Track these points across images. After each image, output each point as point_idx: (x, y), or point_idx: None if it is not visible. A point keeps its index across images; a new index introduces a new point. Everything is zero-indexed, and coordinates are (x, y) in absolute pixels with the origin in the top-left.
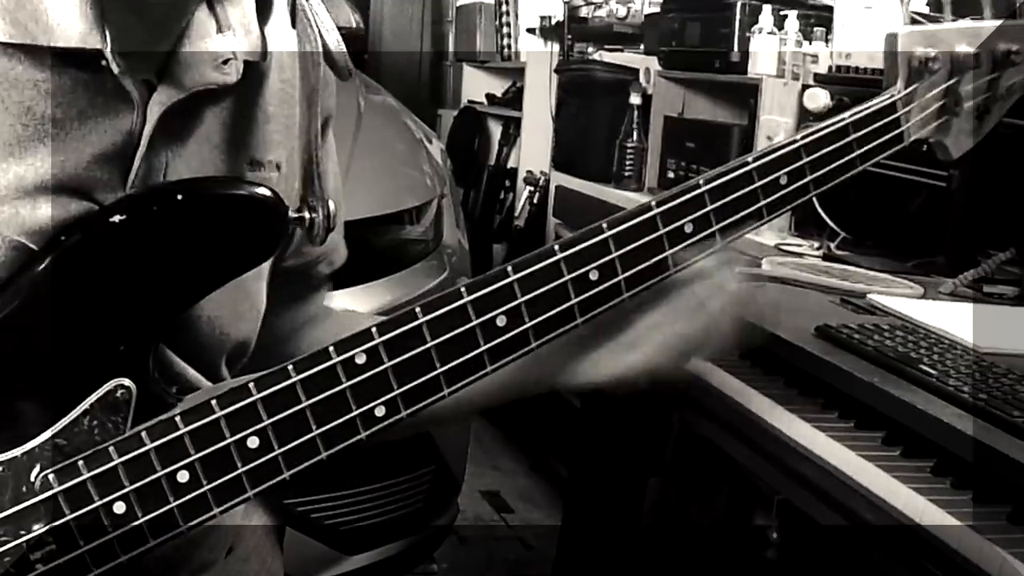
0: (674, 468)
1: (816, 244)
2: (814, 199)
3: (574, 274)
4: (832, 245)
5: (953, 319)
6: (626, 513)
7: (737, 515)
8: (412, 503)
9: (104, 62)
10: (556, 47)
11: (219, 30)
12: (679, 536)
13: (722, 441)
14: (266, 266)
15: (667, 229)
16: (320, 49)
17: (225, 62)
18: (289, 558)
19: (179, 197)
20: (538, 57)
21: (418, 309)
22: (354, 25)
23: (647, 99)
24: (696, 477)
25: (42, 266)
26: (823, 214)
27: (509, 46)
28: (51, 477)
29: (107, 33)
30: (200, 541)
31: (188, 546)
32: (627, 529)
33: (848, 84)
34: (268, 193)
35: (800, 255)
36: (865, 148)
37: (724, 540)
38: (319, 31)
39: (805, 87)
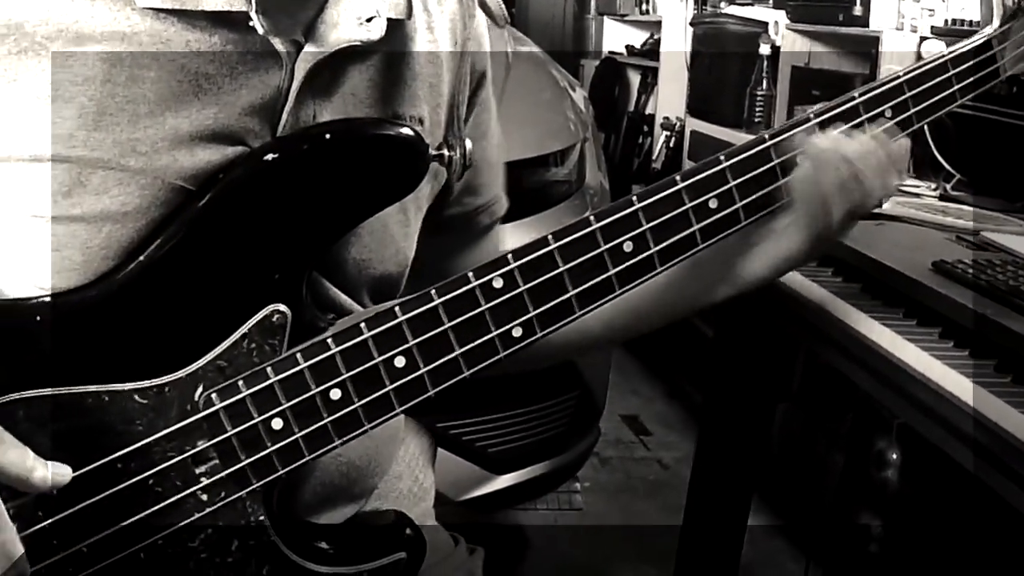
0: (801, 395)
1: (933, 185)
2: (931, 144)
3: (695, 202)
4: (948, 186)
5: None
6: (756, 436)
7: (860, 439)
8: (557, 426)
9: (251, 23)
10: (691, 1)
11: None
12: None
13: (846, 369)
14: (414, 214)
15: (780, 160)
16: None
17: (369, 20)
18: (442, 478)
19: (327, 137)
20: (674, 11)
21: (550, 236)
22: None
23: (775, 50)
24: (821, 403)
25: (201, 204)
26: (940, 157)
27: (647, 0)
28: (214, 396)
29: None
30: (365, 467)
31: (354, 472)
32: (757, 451)
33: (963, 36)
34: (410, 132)
35: (918, 196)
36: (963, 83)
37: (848, 462)
38: None
39: (923, 39)
